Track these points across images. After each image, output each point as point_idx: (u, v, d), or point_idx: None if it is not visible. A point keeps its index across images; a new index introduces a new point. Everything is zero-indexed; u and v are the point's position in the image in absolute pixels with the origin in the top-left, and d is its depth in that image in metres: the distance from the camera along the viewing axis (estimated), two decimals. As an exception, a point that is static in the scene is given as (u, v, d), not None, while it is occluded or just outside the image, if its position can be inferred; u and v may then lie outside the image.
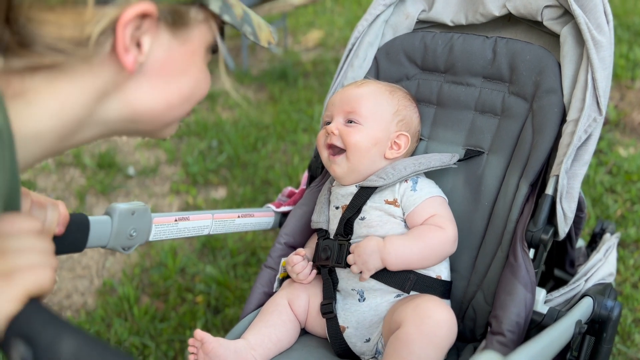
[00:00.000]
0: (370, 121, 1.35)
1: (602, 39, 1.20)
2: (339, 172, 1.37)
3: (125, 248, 1.14)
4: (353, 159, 1.35)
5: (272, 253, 1.48)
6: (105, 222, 1.10)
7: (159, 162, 3.37)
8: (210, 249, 2.68)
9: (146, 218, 1.18)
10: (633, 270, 2.28)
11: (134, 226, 1.15)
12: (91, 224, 1.05)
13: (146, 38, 0.73)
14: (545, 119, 1.28)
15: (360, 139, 1.34)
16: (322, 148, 1.40)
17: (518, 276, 1.19)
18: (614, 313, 1.25)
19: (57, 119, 0.71)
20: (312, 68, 4.34)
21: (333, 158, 1.37)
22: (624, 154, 2.92)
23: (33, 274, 0.63)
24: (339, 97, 1.40)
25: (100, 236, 1.09)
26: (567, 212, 1.22)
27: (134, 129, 0.83)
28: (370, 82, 1.43)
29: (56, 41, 0.67)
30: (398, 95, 1.41)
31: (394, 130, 1.38)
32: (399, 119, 1.39)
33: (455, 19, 1.47)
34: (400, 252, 1.22)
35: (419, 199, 1.29)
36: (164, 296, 2.45)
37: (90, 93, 0.73)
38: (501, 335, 1.14)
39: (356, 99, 1.37)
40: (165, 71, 0.78)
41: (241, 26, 0.84)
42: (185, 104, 0.84)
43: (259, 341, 1.27)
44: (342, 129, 1.35)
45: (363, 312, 1.30)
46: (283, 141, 3.44)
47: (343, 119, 1.37)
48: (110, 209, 1.13)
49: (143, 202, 1.18)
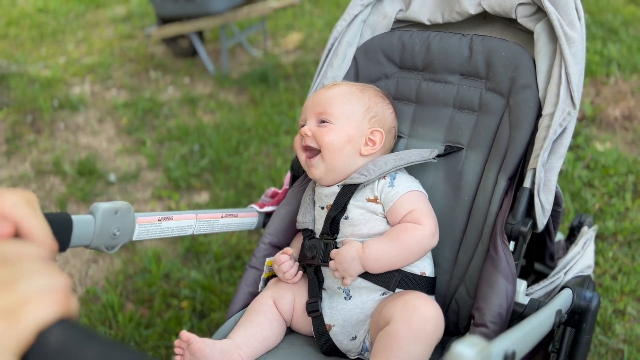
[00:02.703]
0: (342, 120, 1.37)
1: (574, 35, 1.23)
2: (317, 174, 1.39)
3: (109, 247, 1.14)
4: (328, 158, 1.36)
5: (256, 253, 1.48)
6: (89, 221, 1.09)
7: (140, 167, 3.35)
8: (194, 254, 2.67)
9: (129, 217, 1.17)
10: (612, 262, 2.32)
11: (117, 225, 1.14)
12: (74, 223, 1.04)
13: None
14: (522, 113, 1.30)
15: (333, 138, 1.36)
16: (299, 151, 1.42)
17: (499, 268, 1.21)
18: (593, 303, 1.28)
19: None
20: (292, 70, 4.34)
21: (310, 161, 1.39)
22: (600, 148, 2.98)
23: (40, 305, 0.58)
24: (311, 100, 1.43)
25: (84, 235, 1.08)
26: (545, 204, 1.25)
27: None
28: (341, 84, 1.46)
29: None
30: (369, 93, 1.43)
31: (367, 127, 1.40)
32: (371, 116, 1.41)
33: (432, 18, 1.49)
34: (380, 256, 1.24)
35: (396, 194, 1.30)
36: (148, 302, 2.43)
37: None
38: (484, 327, 1.16)
39: (327, 100, 1.39)
40: None
41: None
42: None
43: (245, 340, 1.27)
44: (315, 129, 1.38)
45: (349, 310, 1.31)
46: (265, 144, 3.44)
47: (316, 120, 1.39)
48: (93, 208, 1.12)
49: (126, 202, 1.18)
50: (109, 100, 4.16)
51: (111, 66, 4.71)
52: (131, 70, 4.64)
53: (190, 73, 4.52)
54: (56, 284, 0.62)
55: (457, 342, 0.73)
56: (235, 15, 4.24)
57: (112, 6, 6.27)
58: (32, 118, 3.89)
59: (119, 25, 5.64)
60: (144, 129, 3.74)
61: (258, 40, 5.11)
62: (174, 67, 4.64)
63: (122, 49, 5.09)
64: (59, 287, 0.62)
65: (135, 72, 4.62)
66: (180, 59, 4.78)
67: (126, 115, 3.92)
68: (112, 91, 4.33)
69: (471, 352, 0.71)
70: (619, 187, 2.73)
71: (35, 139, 3.65)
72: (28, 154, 3.49)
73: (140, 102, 4.03)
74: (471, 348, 0.72)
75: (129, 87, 4.35)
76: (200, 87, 4.28)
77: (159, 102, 4.05)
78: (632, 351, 1.98)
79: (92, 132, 3.77)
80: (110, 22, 5.81)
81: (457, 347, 0.72)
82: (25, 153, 3.51)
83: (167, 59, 4.82)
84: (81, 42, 5.32)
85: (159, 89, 4.32)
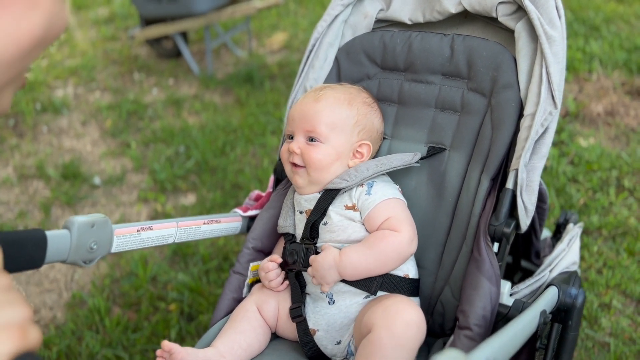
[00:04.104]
0: (330, 138, 1.35)
1: (554, 33, 1.23)
2: (300, 183, 1.38)
3: (86, 261, 1.12)
4: (314, 174, 1.35)
5: (240, 258, 1.46)
6: (64, 236, 1.07)
7: (125, 170, 3.32)
8: (181, 256, 2.65)
9: (107, 229, 1.15)
10: (597, 257, 2.34)
11: (94, 239, 1.12)
12: (49, 238, 1.02)
13: None
14: (503, 114, 1.30)
15: (322, 158, 1.34)
16: (286, 163, 1.41)
17: (482, 270, 1.20)
18: (578, 300, 1.28)
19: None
20: (278, 70, 4.32)
21: (296, 169, 1.38)
22: (584, 144, 2.99)
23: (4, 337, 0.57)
24: (297, 113, 1.39)
25: (59, 251, 1.06)
26: (528, 204, 1.24)
27: None
28: (328, 94, 1.40)
29: None
30: (357, 104, 1.40)
31: (355, 141, 1.38)
32: (360, 129, 1.39)
33: (413, 17, 1.48)
34: (357, 264, 1.23)
35: (372, 202, 1.29)
36: (135, 306, 2.41)
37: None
38: (468, 330, 1.16)
39: (314, 116, 1.35)
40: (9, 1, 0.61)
41: None
42: (36, 49, 0.65)
43: (229, 348, 1.26)
44: (304, 147, 1.35)
45: (333, 315, 1.30)
46: (252, 144, 3.42)
47: (304, 137, 1.37)
48: (68, 223, 1.10)
49: (103, 214, 1.16)
50: (93, 103, 4.12)
51: (94, 68, 4.66)
52: (115, 72, 4.60)
53: (174, 74, 4.48)
54: (14, 318, 0.60)
55: (437, 355, 0.73)
56: (219, 16, 4.20)
57: (95, 8, 6.20)
58: (15, 122, 3.84)
59: (101, 27, 5.58)
60: (129, 131, 3.71)
61: (243, 40, 5.07)
62: (158, 69, 4.60)
63: (106, 50, 5.04)
64: (16, 320, 0.59)
65: (119, 74, 4.58)
66: (165, 60, 4.74)
67: (110, 118, 3.88)
68: (95, 93, 4.29)
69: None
70: (603, 182, 2.75)
71: (17, 143, 3.61)
72: (11, 158, 3.45)
73: (124, 104, 3.99)
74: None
75: (112, 89, 4.31)
76: (185, 88, 4.24)
77: (143, 104, 4.02)
78: (618, 344, 1.99)
79: (75, 135, 3.73)
80: (93, 24, 5.74)
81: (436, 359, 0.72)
82: (7, 157, 3.46)
83: (151, 60, 4.78)
84: (63, 44, 5.25)
85: (143, 90, 4.28)
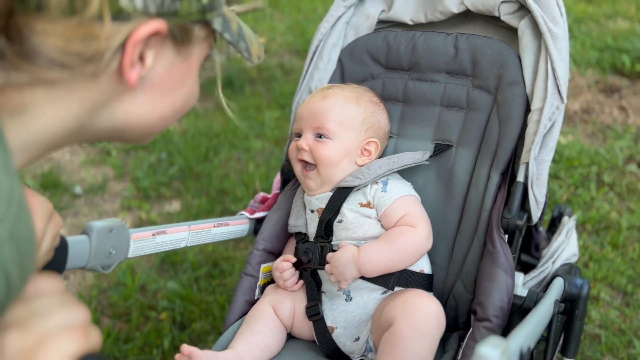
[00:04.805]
0: (339, 134, 1.36)
1: (558, 31, 1.27)
2: (312, 186, 1.39)
3: (104, 267, 1.10)
4: (324, 172, 1.36)
5: (250, 260, 1.46)
6: (83, 242, 1.05)
7: (107, 178, 3.25)
8: (170, 264, 2.61)
9: (124, 234, 1.14)
10: (583, 251, 2.40)
11: (112, 244, 1.10)
12: (69, 244, 1.00)
13: (150, 53, 0.71)
14: (510, 109, 1.33)
15: (331, 154, 1.35)
16: (295, 161, 1.41)
17: (498, 262, 1.23)
18: (584, 290, 1.32)
19: (49, 132, 0.67)
20: (257, 75, 4.31)
21: (306, 173, 1.38)
22: (563, 141, 3.08)
23: (59, 344, 0.58)
24: (306, 110, 1.41)
25: (79, 257, 1.03)
26: (539, 197, 1.28)
27: (118, 137, 0.80)
28: (336, 92, 1.42)
29: (62, 55, 0.63)
30: (364, 102, 1.42)
31: (363, 138, 1.40)
32: (368, 127, 1.40)
33: (415, 18, 1.51)
34: (376, 260, 1.24)
35: (389, 199, 1.31)
36: (125, 316, 2.36)
37: (86, 106, 0.69)
38: (487, 322, 1.18)
39: (323, 113, 1.37)
40: (163, 85, 0.76)
41: (237, 43, 0.83)
42: (176, 115, 0.83)
43: (247, 350, 1.26)
44: (313, 144, 1.36)
45: (351, 312, 1.31)
46: (236, 149, 3.40)
47: (312, 134, 1.38)
48: (87, 228, 1.08)
49: (120, 219, 1.14)
50: (68, 111, 4.02)
51: (67, 75, 4.56)
52: (89, 79, 4.51)
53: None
54: (74, 319, 0.61)
55: (481, 345, 0.75)
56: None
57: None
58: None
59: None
60: (108, 139, 3.64)
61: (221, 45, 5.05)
62: (134, 75, 4.53)
63: (78, 57, 4.94)
64: (77, 322, 0.61)
65: (94, 80, 4.49)
66: (140, 66, 4.67)
67: (87, 126, 3.80)
68: (70, 101, 4.19)
69: (496, 354, 0.73)
70: (584, 177, 2.83)
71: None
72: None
73: (101, 112, 3.91)
74: (495, 349, 0.74)
75: (88, 96, 4.22)
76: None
77: (121, 111, 3.94)
78: (608, 335, 2.05)
79: (52, 144, 3.64)
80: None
81: (481, 349, 0.74)
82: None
83: (126, 66, 4.70)
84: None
85: (120, 97, 4.20)
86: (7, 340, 0.56)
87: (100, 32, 0.64)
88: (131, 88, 0.72)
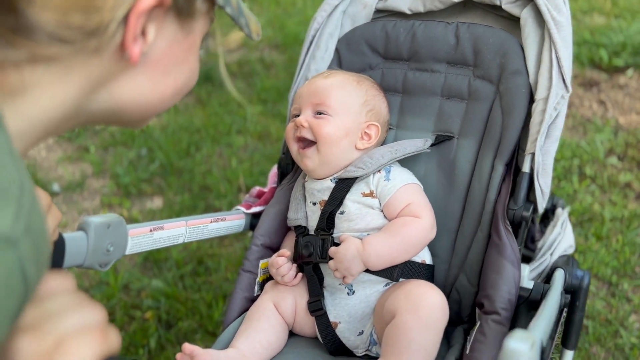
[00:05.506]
0: (339, 112, 1.33)
1: (561, 19, 1.26)
2: (310, 165, 1.34)
3: (102, 265, 1.04)
4: (324, 150, 1.32)
5: (249, 256, 1.42)
6: (81, 239, 1.00)
7: (85, 175, 3.16)
8: (153, 262, 2.55)
9: (122, 230, 1.08)
10: (570, 243, 2.43)
11: (110, 240, 1.05)
12: (66, 241, 0.94)
13: (152, 27, 0.66)
14: (514, 99, 1.32)
15: (330, 130, 1.32)
16: (292, 141, 1.37)
17: (504, 254, 1.21)
18: (585, 281, 1.31)
19: (48, 116, 0.62)
20: (237, 69, 4.24)
21: (303, 152, 1.34)
22: (546, 135, 3.11)
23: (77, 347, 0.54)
24: (306, 89, 1.38)
25: (77, 254, 0.98)
26: (544, 187, 1.28)
27: (114, 120, 0.75)
28: (337, 73, 1.42)
29: (61, 29, 0.58)
30: (366, 85, 1.40)
31: (363, 121, 1.37)
32: (368, 109, 1.38)
33: (413, 7, 1.48)
34: (381, 252, 1.22)
35: (393, 188, 1.29)
36: (109, 316, 2.27)
37: (85, 86, 0.64)
38: (496, 314, 1.17)
39: (324, 90, 1.34)
40: (164, 63, 0.72)
41: (238, 18, 0.79)
42: (177, 95, 0.78)
43: (250, 347, 1.22)
44: (312, 121, 1.33)
45: (354, 305, 1.28)
46: (218, 144, 3.34)
47: (312, 111, 1.35)
48: (84, 224, 1.02)
49: (117, 214, 1.09)
50: (42, 106, 3.90)
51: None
52: (62, 73, 4.38)
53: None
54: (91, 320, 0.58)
55: (509, 339, 0.74)
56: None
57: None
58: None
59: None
60: (86, 135, 3.53)
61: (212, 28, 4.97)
62: (109, 69, 4.42)
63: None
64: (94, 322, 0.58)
65: (67, 75, 4.37)
66: (115, 60, 4.56)
67: (63, 121, 3.69)
68: (43, 96, 4.07)
69: (526, 347, 0.73)
70: (566, 170, 2.86)
71: (-39, 151, 3.36)
72: (-45, 167, 3.21)
73: (77, 107, 3.81)
74: (524, 343, 0.74)
75: (62, 91, 4.10)
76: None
77: (97, 106, 3.85)
78: (595, 326, 2.08)
79: (26, 140, 3.52)
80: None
81: (510, 343, 0.74)
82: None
83: (101, 60, 4.59)
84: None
85: (95, 92, 4.10)
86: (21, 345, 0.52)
87: (103, 3, 0.59)
88: (132, 65, 0.67)
